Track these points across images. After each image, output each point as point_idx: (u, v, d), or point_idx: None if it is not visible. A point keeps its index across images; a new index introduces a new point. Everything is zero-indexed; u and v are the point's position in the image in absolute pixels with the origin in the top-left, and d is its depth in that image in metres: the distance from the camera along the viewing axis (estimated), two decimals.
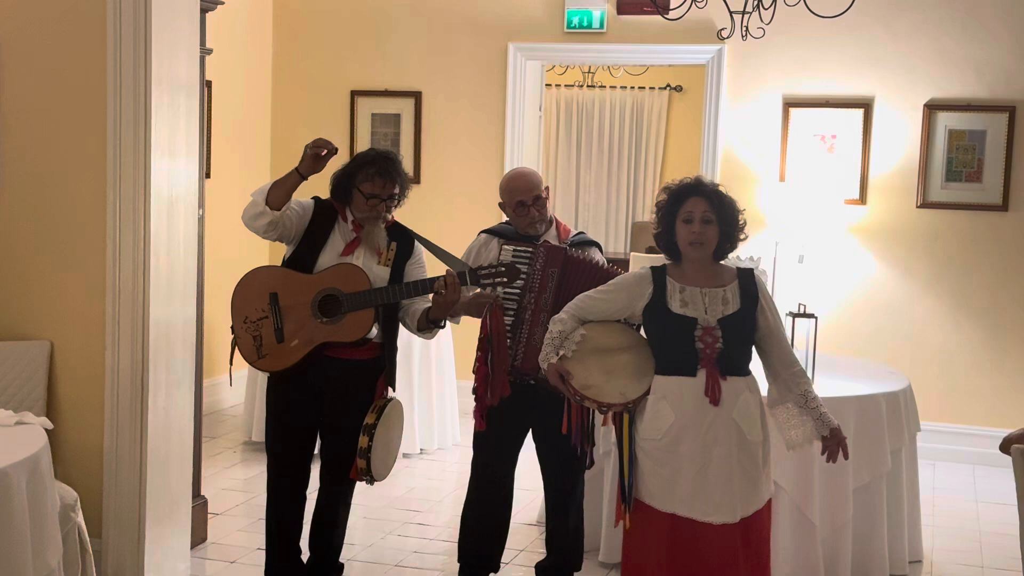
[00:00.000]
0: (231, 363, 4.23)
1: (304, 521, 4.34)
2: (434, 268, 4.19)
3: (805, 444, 3.70)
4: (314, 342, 4.05)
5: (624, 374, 3.64)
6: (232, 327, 4.16)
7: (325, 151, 4.02)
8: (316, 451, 4.30)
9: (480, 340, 4.15)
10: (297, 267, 4.11)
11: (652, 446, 3.59)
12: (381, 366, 4.18)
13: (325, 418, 4.19)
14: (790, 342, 4.72)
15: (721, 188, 3.68)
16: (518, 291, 4.13)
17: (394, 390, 4.27)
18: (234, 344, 4.16)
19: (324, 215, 4.15)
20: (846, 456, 3.67)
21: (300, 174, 4.03)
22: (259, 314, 4.09)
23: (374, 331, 4.11)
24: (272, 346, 4.08)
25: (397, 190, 4.12)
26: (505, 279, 4.01)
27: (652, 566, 3.62)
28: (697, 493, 3.55)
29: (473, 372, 4.19)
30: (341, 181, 4.16)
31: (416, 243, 4.23)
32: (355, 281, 4.04)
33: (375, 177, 4.08)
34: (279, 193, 4.03)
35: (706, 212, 3.60)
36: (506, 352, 4.10)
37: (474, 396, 4.21)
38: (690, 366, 3.55)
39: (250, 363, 4.17)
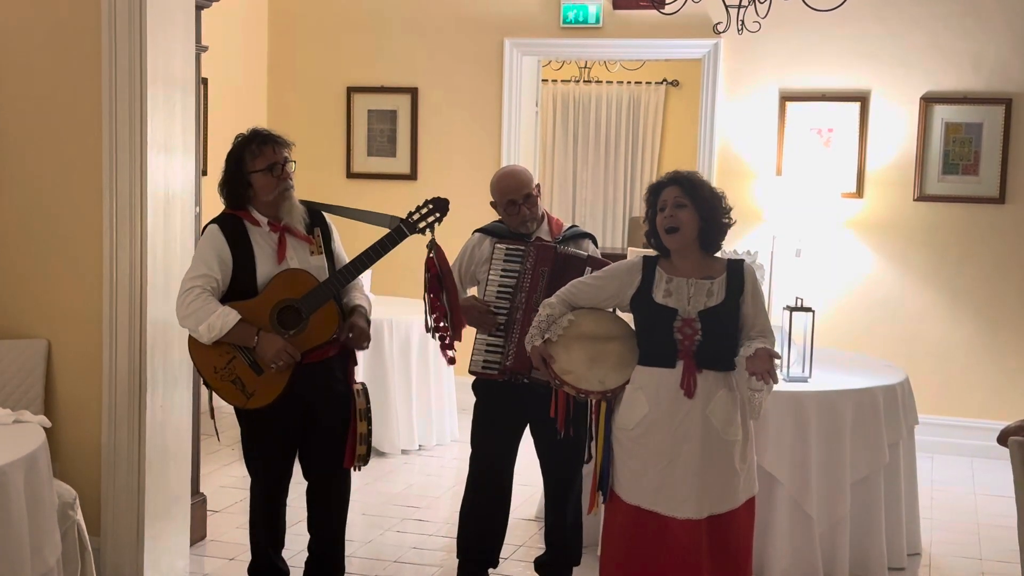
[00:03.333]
0: (213, 418, 4.11)
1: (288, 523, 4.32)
2: (354, 233, 4.16)
3: (750, 392, 3.56)
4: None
5: (607, 363, 3.67)
6: (204, 382, 4.04)
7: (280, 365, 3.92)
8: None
9: (427, 280, 4.07)
10: (240, 295, 3.95)
11: (624, 436, 3.63)
12: (346, 354, 4.15)
13: (314, 420, 4.10)
14: (787, 337, 4.74)
15: (696, 174, 3.69)
16: (510, 290, 4.13)
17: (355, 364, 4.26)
18: (211, 396, 4.06)
19: (234, 232, 3.96)
20: (773, 378, 3.50)
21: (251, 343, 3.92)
22: (227, 357, 3.94)
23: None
24: (255, 382, 3.95)
25: (286, 153, 4.00)
26: (437, 214, 4.00)
27: (618, 556, 3.65)
28: (663, 487, 3.57)
29: (431, 319, 4.10)
30: (232, 179, 3.98)
31: (329, 220, 4.15)
32: (301, 283, 3.94)
33: (262, 148, 3.96)
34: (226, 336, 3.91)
35: (678, 197, 3.61)
36: (456, 287, 4.09)
37: (438, 337, 4.12)
38: (669, 357, 3.57)
39: (240, 407, 4.02)
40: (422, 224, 4.02)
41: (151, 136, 4.29)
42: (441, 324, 4.10)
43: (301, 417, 4.09)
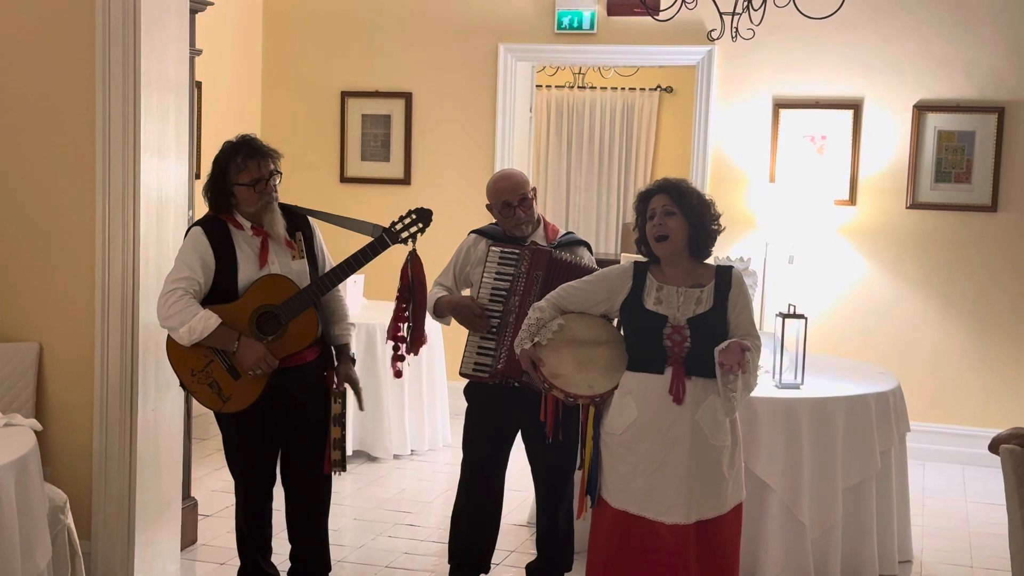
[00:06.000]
0: (188, 416, 4.05)
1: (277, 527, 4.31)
2: (342, 238, 4.16)
3: (724, 390, 3.56)
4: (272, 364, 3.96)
5: (596, 368, 3.68)
6: (181, 384, 4.05)
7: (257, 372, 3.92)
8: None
9: (400, 290, 4.09)
10: (220, 297, 3.94)
11: (612, 441, 3.64)
12: (325, 359, 4.14)
13: (292, 425, 4.09)
14: (780, 343, 4.75)
15: (684, 182, 3.70)
16: (503, 294, 4.13)
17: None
18: (188, 399, 4.04)
19: (218, 235, 3.95)
20: (742, 369, 3.51)
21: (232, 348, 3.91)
22: (204, 360, 3.95)
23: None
24: (232, 386, 3.95)
25: (273, 165, 3.98)
26: (420, 224, 4.03)
27: (606, 561, 3.65)
28: (651, 491, 3.58)
29: (391, 327, 4.13)
30: (216, 189, 3.97)
31: (312, 221, 4.15)
32: (282, 289, 3.94)
33: (248, 162, 3.93)
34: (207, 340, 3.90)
35: (667, 205, 3.63)
36: (425, 301, 4.11)
37: (393, 345, 4.16)
38: (658, 363, 3.58)
39: (217, 410, 4.02)
40: (404, 235, 4.03)
41: (144, 140, 4.28)
42: (399, 335, 4.11)
43: (279, 421, 4.09)
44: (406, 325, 4.12)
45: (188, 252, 3.95)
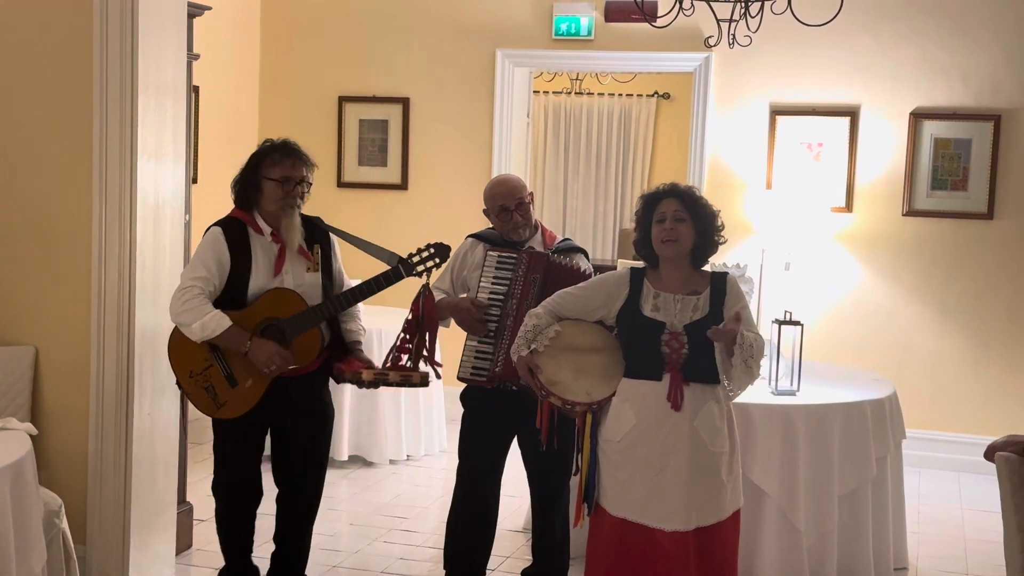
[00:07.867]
0: (184, 415, 4.06)
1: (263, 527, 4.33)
2: (356, 259, 4.18)
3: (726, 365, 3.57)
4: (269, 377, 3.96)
5: (593, 375, 3.67)
6: (178, 383, 4.06)
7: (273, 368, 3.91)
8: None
9: (407, 321, 4.10)
10: (229, 302, 3.95)
11: (611, 448, 3.63)
12: (327, 369, 4.13)
13: (288, 431, 4.10)
14: (776, 350, 4.75)
15: (695, 190, 3.71)
16: (501, 297, 4.14)
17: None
18: (183, 400, 4.06)
19: (236, 238, 3.98)
20: (732, 339, 3.49)
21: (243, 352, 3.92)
22: (204, 364, 3.96)
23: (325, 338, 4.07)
24: (227, 392, 3.96)
25: (305, 172, 4.04)
26: (437, 259, 4.05)
27: (605, 569, 3.64)
28: (650, 498, 3.57)
29: (392, 355, 4.12)
30: (246, 180, 4.02)
31: (332, 236, 4.17)
32: (291, 305, 3.95)
33: (283, 160, 4.00)
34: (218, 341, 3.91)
35: (678, 211, 3.64)
36: (434, 337, 4.13)
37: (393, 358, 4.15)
38: (656, 370, 3.58)
39: (210, 415, 4.03)
40: (420, 267, 4.06)
41: (141, 143, 4.28)
42: (400, 364, 4.11)
43: (276, 427, 4.11)
44: (406, 357, 4.12)
45: (206, 251, 3.97)
